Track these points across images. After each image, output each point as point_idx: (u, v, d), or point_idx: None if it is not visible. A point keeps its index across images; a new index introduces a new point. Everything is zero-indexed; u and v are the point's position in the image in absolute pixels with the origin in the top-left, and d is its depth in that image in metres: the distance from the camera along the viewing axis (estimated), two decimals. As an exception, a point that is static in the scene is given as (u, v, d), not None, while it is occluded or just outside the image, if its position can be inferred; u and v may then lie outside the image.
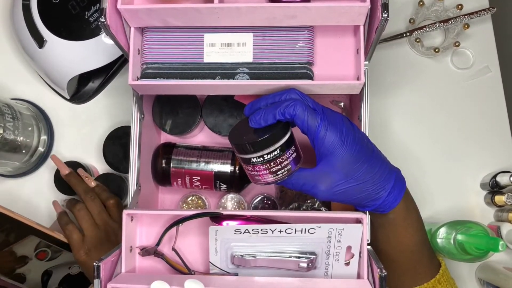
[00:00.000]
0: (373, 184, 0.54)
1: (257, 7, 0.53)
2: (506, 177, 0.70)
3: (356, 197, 0.54)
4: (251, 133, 0.53)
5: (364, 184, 0.53)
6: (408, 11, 0.80)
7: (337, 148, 0.52)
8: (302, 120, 0.52)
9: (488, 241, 0.59)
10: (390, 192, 0.55)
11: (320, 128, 0.52)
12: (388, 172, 0.55)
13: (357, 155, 0.53)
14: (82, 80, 0.78)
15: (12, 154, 0.72)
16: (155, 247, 0.59)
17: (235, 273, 0.58)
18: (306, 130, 0.53)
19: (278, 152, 0.52)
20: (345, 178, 0.53)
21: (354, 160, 0.52)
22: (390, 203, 0.55)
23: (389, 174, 0.55)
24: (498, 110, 0.77)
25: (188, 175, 0.68)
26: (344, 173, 0.52)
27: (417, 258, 0.59)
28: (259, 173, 0.54)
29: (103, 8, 0.52)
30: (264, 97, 0.56)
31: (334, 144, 0.52)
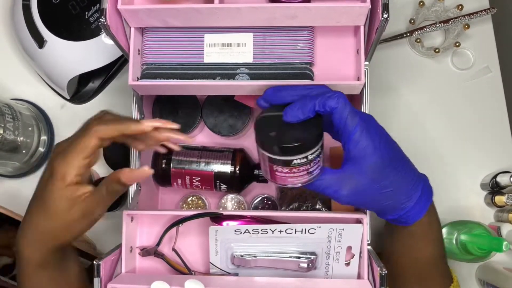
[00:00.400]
0: (400, 193, 0.51)
1: (257, 8, 0.53)
2: (506, 178, 0.70)
3: (380, 204, 0.51)
4: (287, 131, 0.48)
5: (390, 193, 0.50)
6: (408, 11, 0.80)
7: (369, 153, 0.49)
8: (341, 116, 0.48)
9: (491, 241, 0.59)
10: (416, 203, 0.52)
11: (357, 129, 0.48)
12: (416, 181, 0.52)
13: (387, 161, 0.50)
14: (82, 80, 0.78)
15: (12, 155, 0.72)
16: (155, 247, 0.59)
17: (235, 273, 0.58)
18: (342, 128, 0.49)
19: (320, 150, 0.49)
20: (372, 184, 0.50)
21: (384, 166, 0.50)
22: (415, 215, 0.52)
23: (417, 183, 0.52)
24: (498, 111, 0.77)
25: (188, 175, 0.68)
26: (371, 179, 0.49)
27: (430, 271, 0.57)
28: (296, 175, 0.49)
29: (103, 8, 0.52)
30: (290, 87, 0.52)
31: (367, 148, 0.49)
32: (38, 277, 0.53)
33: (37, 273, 0.52)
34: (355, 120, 0.49)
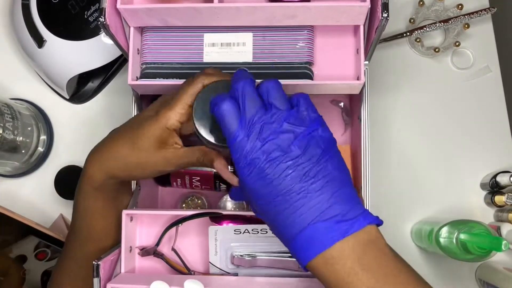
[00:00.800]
0: (276, 232, 0.43)
1: (257, 7, 0.53)
2: (506, 177, 0.70)
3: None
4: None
5: (271, 226, 0.43)
6: (408, 11, 0.80)
7: (242, 175, 0.43)
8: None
9: (491, 240, 0.59)
10: (295, 252, 0.41)
11: (234, 138, 0.43)
12: (294, 232, 0.40)
13: (259, 194, 0.42)
14: (82, 80, 0.78)
15: (12, 154, 0.72)
16: (154, 247, 0.59)
17: (235, 273, 0.58)
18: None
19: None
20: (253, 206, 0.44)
21: (256, 196, 0.42)
22: (300, 262, 0.41)
23: (293, 234, 0.40)
24: (498, 110, 0.77)
25: (187, 175, 0.68)
26: (252, 202, 0.44)
27: None
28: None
29: (102, 8, 0.52)
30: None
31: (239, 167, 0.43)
32: (94, 198, 0.55)
33: (93, 194, 0.54)
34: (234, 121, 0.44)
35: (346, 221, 0.39)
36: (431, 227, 0.69)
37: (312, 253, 0.39)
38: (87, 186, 0.54)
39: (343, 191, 0.40)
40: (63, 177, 0.75)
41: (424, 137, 0.77)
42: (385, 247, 0.40)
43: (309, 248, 0.39)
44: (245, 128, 0.42)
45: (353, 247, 0.38)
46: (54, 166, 0.78)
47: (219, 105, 0.43)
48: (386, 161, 0.76)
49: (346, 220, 0.39)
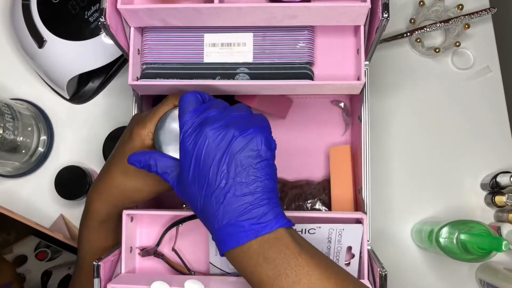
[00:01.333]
0: (203, 219, 0.47)
1: (257, 7, 0.53)
2: (506, 178, 0.70)
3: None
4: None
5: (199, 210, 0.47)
6: (408, 11, 0.80)
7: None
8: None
9: (491, 240, 0.59)
10: (215, 242, 0.46)
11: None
12: (215, 220, 0.45)
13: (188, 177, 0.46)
14: (82, 80, 0.78)
15: (12, 154, 0.72)
16: (155, 247, 0.59)
17: (235, 274, 0.58)
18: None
19: None
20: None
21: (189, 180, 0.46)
22: (220, 247, 0.45)
23: (216, 222, 0.45)
24: (498, 111, 0.77)
25: None
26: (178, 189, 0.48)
27: None
28: None
29: (103, 8, 0.52)
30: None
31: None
32: (99, 230, 0.57)
33: (99, 226, 0.57)
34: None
35: (260, 224, 0.44)
36: (432, 227, 0.69)
37: (228, 246, 0.44)
38: (91, 221, 0.57)
39: (267, 196, 0.45)
40: (63, 177, 0.75)
41: (424, 137, 0.77)
42: (291, 243, 0.44)
43: (227, 241, 0.44)
44: (193, 117, 0.47)
45: (260, 244, 0.44)
46: (54, 166, 0.78)
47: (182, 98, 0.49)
48: (386, 161, 0.76)
49: (260, 223, 0.44)
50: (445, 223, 0.67)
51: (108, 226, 0.58)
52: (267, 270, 0.43)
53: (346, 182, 0.66)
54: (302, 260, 0.43)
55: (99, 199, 0.56)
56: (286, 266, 0.43)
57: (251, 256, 0.44)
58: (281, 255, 0.43)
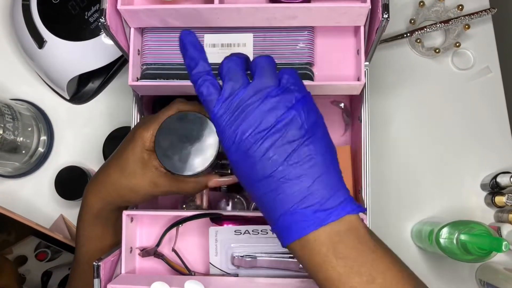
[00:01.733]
0: (263, 211, 0.42)
1: (257, 8, 0.53)
2: (506, 178, 0.70)
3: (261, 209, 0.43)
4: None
5: (259, 203, 0.42)
6: (408, 11, 0.80)
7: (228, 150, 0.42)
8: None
9: (491, 241, 0.59)
10: (276, 234, 0.41)
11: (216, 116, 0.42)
12: (283, 216, 0.40)
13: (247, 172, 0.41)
14: (82, 80, 0.78)
15: (12, 155, 0.72)
16: (155, 248, 0.59)
17: (235, 274, 0.58)
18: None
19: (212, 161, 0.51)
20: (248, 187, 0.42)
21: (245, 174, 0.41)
22: (281, 239, 0.41)
23: (283, 218, 0.40)
24: (498, 111, 0.77)
25: None
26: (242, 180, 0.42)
27: None
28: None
29: (103, 9, 0.52)
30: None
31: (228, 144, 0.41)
32: (93, 226, 0.57)
33: (93, 221, 0.57)
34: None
35: (323, 210, 0.38)
36: (431, 228, 0.69)
37: (290, 237, 0.39)
38: (87, 215, 0.57)
39: (325, 177, 0.39)
40: (64, 178, 0.75)
41: (425, 137, 0.77)
42: (365, 236, 0.39)
43: (288, 232, 0.39)
44: (223, 106, 0.41)
45: (329, 235, 0.39)
46: (54, 167, 0.78)
47: (199, 84, 0.43)
48: (386, 161, 0.76)
49: (324, 209, 0.38)
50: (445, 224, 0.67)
51: (104, 221, 0.57)
52: (337, 267, 0.38)
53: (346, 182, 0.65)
54: (377, 258, 0.38)
55: (94, 193, 0.56)
56: (360, 263, 0.38)
57: (318, 249, 0.38)
58: (354, 251, 0.38)
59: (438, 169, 0.76)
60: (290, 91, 0.41)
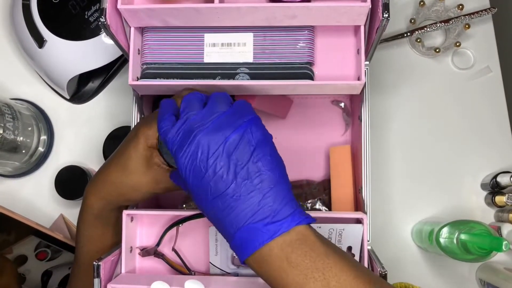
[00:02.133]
0: (218, 228, 0.44)
1: (257, 7, 0.53)
2: (506, 178, 0.70)
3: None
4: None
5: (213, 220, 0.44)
6: (408, 11, 0.80)
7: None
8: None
9: (491, 240, 0.59)
10: (233, 250, 0.43)
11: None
12: (234, 229, 0.42)
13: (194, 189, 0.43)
14: (82, 80, 0.78)
15: (12, 154, 0.72)
16: (155, 247, 0.59)
17: (235, 274, 0.58)
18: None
19: None
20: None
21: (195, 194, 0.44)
22: (239, 256, 0.43)
23: (234, 230, 0.42)
24: (498, 111, 0.77)
25: None
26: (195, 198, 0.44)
27: None
28: None
29: (103, 8, 0.52)
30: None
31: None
32: (94, 226, 0.57)
33: (93, 222, 0.57)
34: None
35: (274, 223, 0.40)
36: (432, 228, 0.69)
37: (246, 253, 0.41)
38: (87, 215, 0.57)
39: (274, 191, 0.41)
40: (64, 177, 0.75)
41: (425, 137, 0.77)
42: (315, 243, 0.41)
43: (244, 248, 0.41)
44: (176, 133, 0.44)
45: (281, 247, 0.40)
46: (54, 166, 0.78)
47: (159, 121, 0.47)
48: (386, 161, 0.76)
49: (274, 222, 0.40)
50: (445, 223, 0.67)
51: (104, 221, 0.57)
52: (293, 276, 0.40)
53: (346, 182, 0.66)
54: (329, 262, 0.40)
55: (94, 193, 0.55)
56: (314, 269, 0.40)
57: (273, 261, 0.40)
58: (307, 258, 0.40)
59: (438, 169, 0.76)
60: (238, 113, 0.44)
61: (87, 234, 0.58)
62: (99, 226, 0.57)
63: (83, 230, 0.58)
